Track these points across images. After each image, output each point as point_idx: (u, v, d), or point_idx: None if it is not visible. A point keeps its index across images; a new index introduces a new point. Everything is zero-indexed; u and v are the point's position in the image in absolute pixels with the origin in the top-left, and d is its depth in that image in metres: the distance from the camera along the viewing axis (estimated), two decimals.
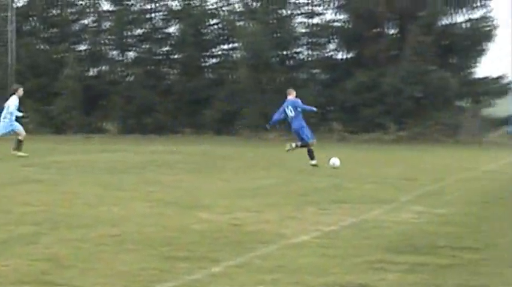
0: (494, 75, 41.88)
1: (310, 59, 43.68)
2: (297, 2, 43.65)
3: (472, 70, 42.15)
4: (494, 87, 41.39)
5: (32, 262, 8.26)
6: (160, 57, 46.24)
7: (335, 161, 21.69)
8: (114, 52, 46.11)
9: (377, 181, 18.11)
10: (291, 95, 22.93)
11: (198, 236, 10.12)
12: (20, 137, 23.78)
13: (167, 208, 12.80)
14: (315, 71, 44.14)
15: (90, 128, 43.21)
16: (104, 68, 46.38)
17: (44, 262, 8.28)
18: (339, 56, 43.83)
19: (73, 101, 42.28)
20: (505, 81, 41.55)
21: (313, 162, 21.68)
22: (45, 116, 42.68)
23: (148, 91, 43.54)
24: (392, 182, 17.78)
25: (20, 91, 24.37)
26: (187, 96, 43.39)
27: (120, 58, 46.08)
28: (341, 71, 42.23)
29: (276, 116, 22.95)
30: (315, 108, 23.69)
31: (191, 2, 45.00)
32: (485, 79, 41.83)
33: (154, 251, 8.99)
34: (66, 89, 42.25)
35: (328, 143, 36.66)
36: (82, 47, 46.19)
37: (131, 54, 46.06)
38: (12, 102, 23.98)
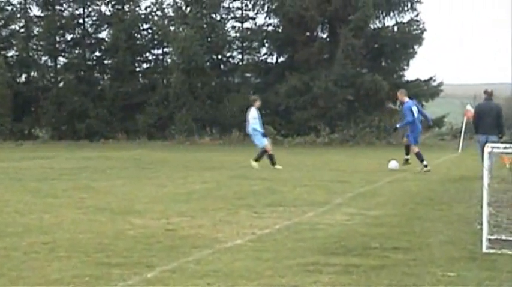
0: (425, 78, 42.52)
1: (243, 63, 43.78)
2: (229, 6, 43.73)
3: (403, 73, 42.73)
4: (425, 90, 41.95)
5: None
6: (92, 62, 45.85)
7: (394, 164, 22.34)
8: (45, 58, 45.53)
9: (310, 183, 18.22)
10: (404, 97, 22.85)
11: (132, 242, 10.07)
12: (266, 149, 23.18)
13: (100, 214, 12.70)
14: (248, 75, 44.25)
15: (20, 135, 42.58)
16: (34, 73, 45.71)
17: None
18: (272, 59, 44.04)
19: (2, 108, 41.57)
20: (435, 83, 42.17)
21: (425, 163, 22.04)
22: None
23: (80, 97, 43.11)
24: (325, 185, 17.91)
25: (257, 103, 23.63)
26: (119, 101, 43.10)
27: (51, 64, 45.51)
28: (274, 74, 42.40)
29: (411, 118, 22.23)
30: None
31: (123, 7, 44.73)
32: (415, 81, 42.38)
33: (87, 258, 8.92)
34: None
35: None
36: (11, 53, 45.47)
37: (62, 59, 45.57)
38: (252, 115, 23.32)
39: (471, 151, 31.50)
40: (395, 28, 42.00)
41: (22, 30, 45.28)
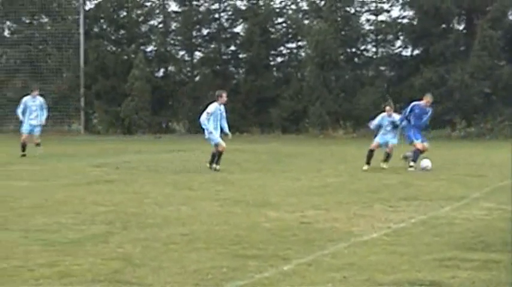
0: None
1: (377, 56, 43.46)
2: None
3: None
4: None
5: (104, 261, 8.40)
6: (228, 56, 46.47)
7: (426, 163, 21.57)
8: (182, 52, 46.52)
9: (446, 177, 17.95)
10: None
11: (268, 234, 10.16)
12: None
13: (236, 206, 12.87)
14: (382, 68, 43.89)
15: (158, 128, 43.62)
16: (171, 68, 46.75)
17: (116, 261, 8.41)
18: (406, 52, 43.53)
19: (141, 102, 42.64)
20: None
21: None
22: (115, 117, 43.18)
23: (216, 91, 43.68)
24: (462, 179, 17.60)
25: None
26: (254, 95, 43.50)
27: (188, 58, 46.43)
28: (408, 67, 41.93)
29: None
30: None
31: (258, 2, 45.10)
32: None
33: (224, 249, 9.06)
34: (134, 89, 42.64)
35: None
36: (150, 48, 46.63)
37: (198, 54, 46.42)
38: None
39: None
40: None
41: (160, 25, 46.40)
